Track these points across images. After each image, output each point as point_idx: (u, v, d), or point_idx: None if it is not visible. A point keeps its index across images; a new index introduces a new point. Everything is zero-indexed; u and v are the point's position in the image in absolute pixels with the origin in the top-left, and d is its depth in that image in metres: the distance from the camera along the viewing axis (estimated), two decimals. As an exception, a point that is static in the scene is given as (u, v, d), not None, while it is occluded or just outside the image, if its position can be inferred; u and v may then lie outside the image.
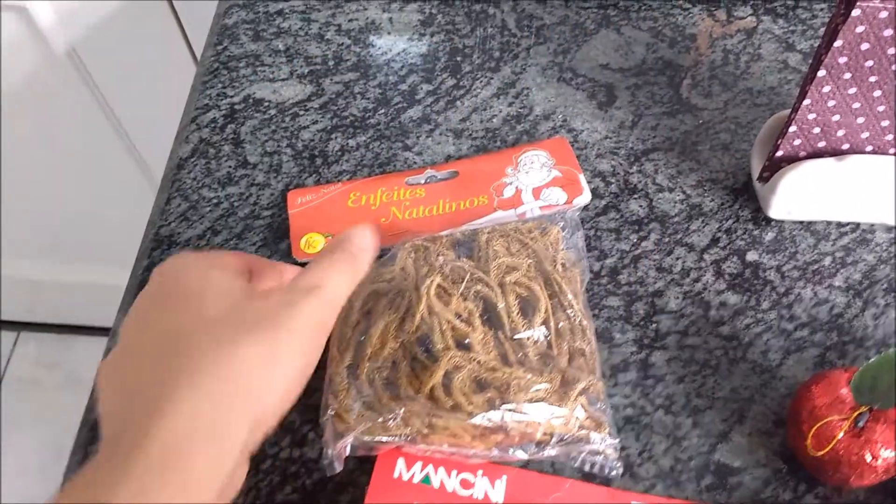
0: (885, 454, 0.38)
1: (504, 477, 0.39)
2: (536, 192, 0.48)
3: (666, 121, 0.53)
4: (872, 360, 0.38)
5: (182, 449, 0.27)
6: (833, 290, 0.47)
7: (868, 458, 0.37)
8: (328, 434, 0.38)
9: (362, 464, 0.41)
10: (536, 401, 0.37)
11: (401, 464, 0.39)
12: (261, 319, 0.31)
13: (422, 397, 0.37)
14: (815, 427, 0.38)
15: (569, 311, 0.41)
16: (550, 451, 0.38)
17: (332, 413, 0.38)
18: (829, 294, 0.47)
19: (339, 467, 0.37)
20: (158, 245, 0.49)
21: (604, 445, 0.38)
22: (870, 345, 0.45)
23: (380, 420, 0.37)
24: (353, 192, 0.49)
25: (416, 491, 0.38)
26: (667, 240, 0.49)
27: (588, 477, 0.40)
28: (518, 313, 0.40)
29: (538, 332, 0.39)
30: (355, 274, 0.35)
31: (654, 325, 0.46)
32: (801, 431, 0.39)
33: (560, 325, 0.40)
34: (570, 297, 0.41)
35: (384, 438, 0.37)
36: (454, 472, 0.39)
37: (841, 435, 0.38)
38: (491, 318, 0.39)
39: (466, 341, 0.38)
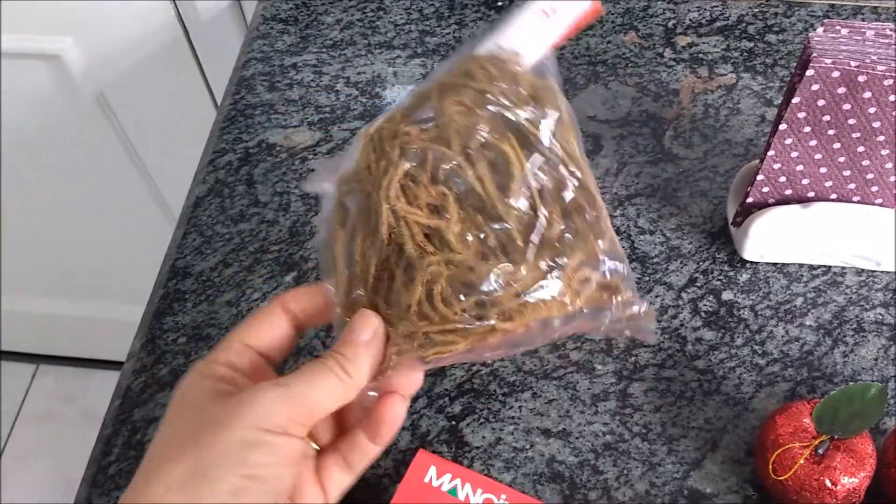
0: (845, 481, 0.40)
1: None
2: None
3: (648, 169, 0.57)
4: (834, 392, 0.40)
5: None
6: (804, 328, 0.50)
7: (828, 483, 0.40)
8: None
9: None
10: (529, 289, 0.32)
11: (432, 471, 0.42)
12: (191, 434, 0.30)
13: (411, 315, 0.33)
14: (777, 453, 0.41)
15: (549, 158, 0.34)
16: (565, 329, 0.33)
17: None
18: (800, 332, 0.50)
19: None
20: (174, 276, 0.53)
21: (628, 309, 0.33)
22: (838, 381, 0.48)
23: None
24: None
25: (441, 499, 0.41)
26: (647, 279, 0.52)
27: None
28: (493, 185, 0.33)
29: (519, 202, 0.33)
30: (339, 393, 0.33)
31: (633, 358, 0.49)
32: (766, 458, 0.42)
33: (543, 182, 0.33)
34: (546, 141, 0.33)
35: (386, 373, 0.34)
36: (479, 490, 0.41)
37: (802, 461, 0.40)
38: (468, 196, 0.33)
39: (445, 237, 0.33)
